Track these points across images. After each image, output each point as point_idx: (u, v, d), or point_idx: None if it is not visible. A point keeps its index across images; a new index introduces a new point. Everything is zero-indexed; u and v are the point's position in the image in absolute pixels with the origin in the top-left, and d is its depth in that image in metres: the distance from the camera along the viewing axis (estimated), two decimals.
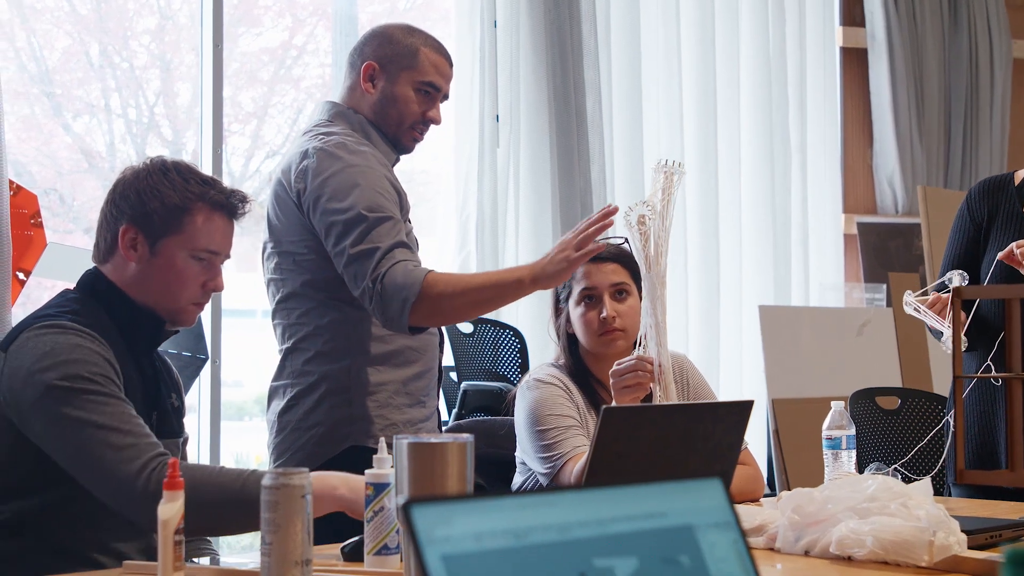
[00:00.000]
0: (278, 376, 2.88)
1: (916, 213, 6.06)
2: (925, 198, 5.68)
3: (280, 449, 2.84)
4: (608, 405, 2.50)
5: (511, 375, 4.38)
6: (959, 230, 3.22)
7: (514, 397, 2.94)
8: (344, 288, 2.76)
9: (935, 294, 2.98)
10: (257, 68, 5.42)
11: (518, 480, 2.95)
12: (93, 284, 2.35)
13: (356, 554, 2.05)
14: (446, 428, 3.50)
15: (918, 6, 6.40)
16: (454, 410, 4.26)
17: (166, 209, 2.31)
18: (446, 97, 2.97)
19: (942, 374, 5.48)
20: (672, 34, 5.64)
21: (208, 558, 2.46)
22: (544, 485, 2.79)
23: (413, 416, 2.84)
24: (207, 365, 4.36)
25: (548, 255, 2.67)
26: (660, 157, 3.48)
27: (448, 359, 4.48)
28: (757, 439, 5.45)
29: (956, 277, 2.98)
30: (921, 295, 2.99)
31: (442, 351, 2.99)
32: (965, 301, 3.04)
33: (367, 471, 2.00)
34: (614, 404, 2.66)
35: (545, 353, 3.10)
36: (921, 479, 2.17)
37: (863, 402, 4.20)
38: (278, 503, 1.73)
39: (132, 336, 2.32)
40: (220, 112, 4.58)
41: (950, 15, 6.53)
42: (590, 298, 2.92)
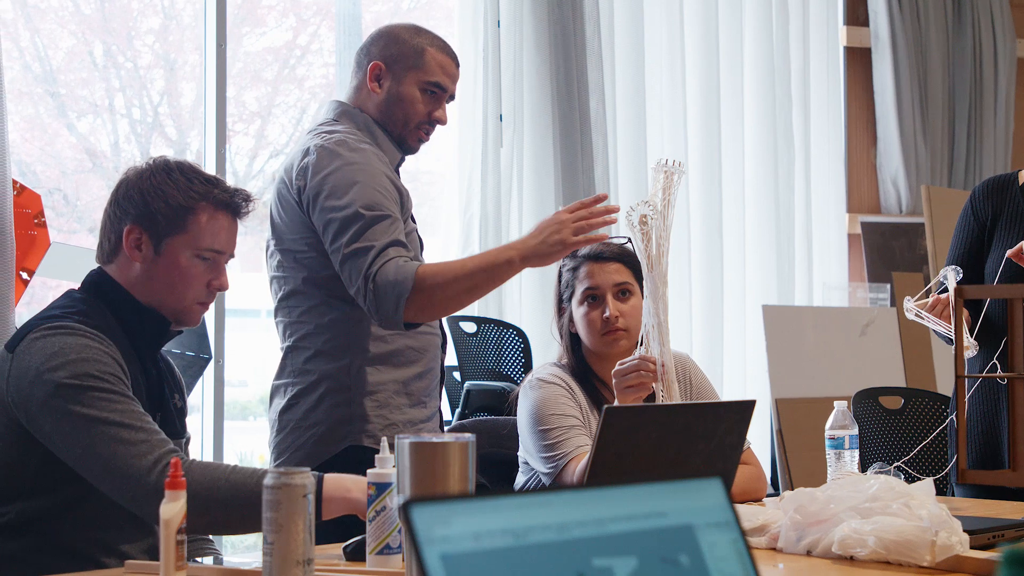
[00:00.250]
0: (279, 375, 2.88)
1: (920, 212, 6.06)
2: (929, 197, 5.67)
3: (280, 448, 2.84)
4: (610, 405, 2.50)
5: (515, 375, 4.38)
6: (963, 229, 3.22)
7: (516, 397, 2.94)
8: (343, 286, 2.76)
9: (935, 296, 2.98)
10: (261, 68, 5.42)
11: (521, 480, 2.95)
12: (98, 284, 2.35)
13: (358, 554, 2.05)
14: (449, 428, 3.50)
15: (922, 5, 6.39)
16: (457, 410, 4.26)
17: (170, 209, 2.31)
18: (452, 97, 2.96)
19: (946, 374, 5.48)
20: (676, 34, 5.64)
21: (211, 557, 2.46)
22: (547, 485, 2.79)
23: (414, 416, 2.84)
24: (210, 365, 4.36)
25: (541, 234, 2.65)
26: (660, 157, 3.48)
27: (452, 359, 4.49)
28: (760, 439, 5.45)
29: (950, 274, 2.97)
30: (920, 299, 2.99)
31: (444, 352, 2.99)
32: (973, 301, 3.03)
33: (369, 471, 2.00)
34: (616, 404, 2.66)
35: (549, 353, 3.10)
36: (925, 479, 2.17)
37: (866, 402, 4.20)
38: (280, 503, 1.74)
39: (137, 336, 2.32)
40: (223, 112, 4.59)
41: (954, 14, 6.52)
42: (593, 298, 2.92)
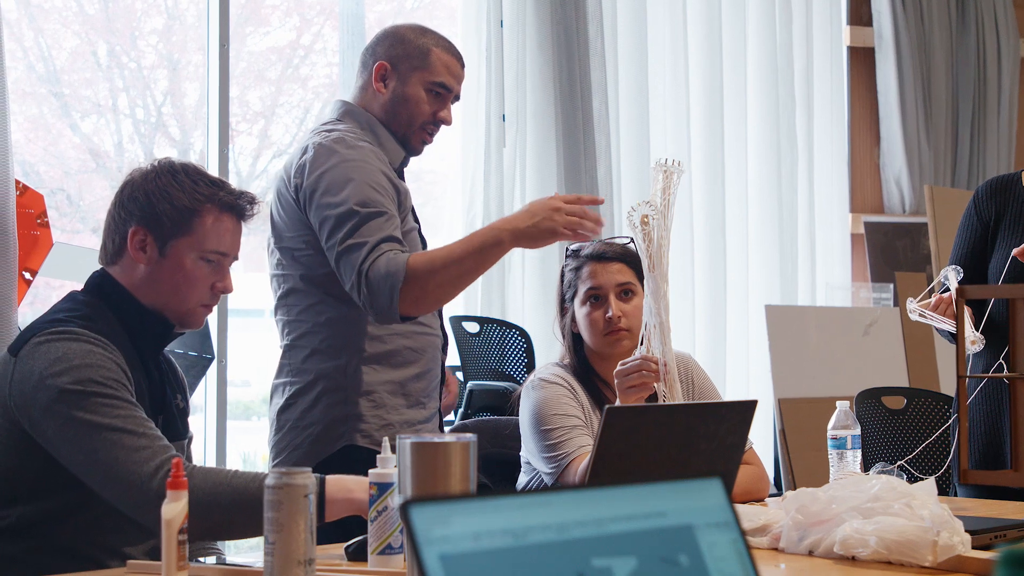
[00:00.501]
0: (278, 374, 2.89)
1: (923, 212, 6.06)
2: (932, 197, 5.67)
3: (279, 448, 2.84)
4: (611, 405, 2.50)
5: (517, 375, 4.38)
6: (966, 229, 3.22)
7: (518, 397, 2.94)
8: (339, 285, 2.76)
9: (938, 296, 2.97)
10: (264, 67, 5.43)
11: (523, 480, 2.95)
12: (101, 286, 2.34)
13: (360, 554, 2.05)
14: (451, 428, 3.50)
15: (925, 5, 6.39)
16: (460, 410, 4.26)
17: (175, 211, 2.31)
18: (457, 98, 2.97)
19: (949, 374, 5.47)
20: (679, 34, 5.64)
21: (213, 557, 2.46)
22: (549, 485, 2.79)
23: (411, 417, 2.84)
24: (213, 365, 4.37)
25: (533, 217, 2.65)
26: (659, 156, 3.48)
27: (454, 358, 4.49)
28: (763, 439, 5.45)
29: (951, 274, 2.97)
30: (923, 300, 2.99)
31: (445, 353, 2.99)
32: (976, 301, 3.03)
33: (371, 471, 2.01)
34: (618, 403, 2.66)
35: (551, 353, 3.10)
36: (927, 479, 2.17)
37: (869, 402, 4.20)
38: (281, 503, 1.74)
39: (140, 339, 2.32)
40: (226, 112, 4.59)
41: (958, 14, 6.52)
42: (596, 298, 2.92)
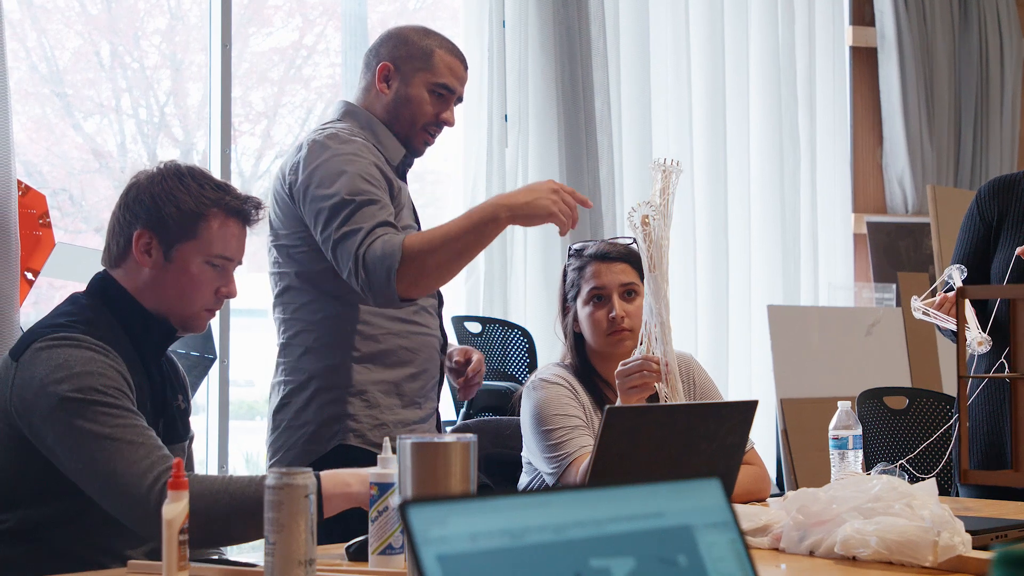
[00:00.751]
0: (275, 373, 2.90)
1: (926, 212, 6.05)
2: (935, 197, 5.67)
3: (274, 448, 2.85)
4: (612, 405, 2.49)
5: (519, 375, 4.38)
6: (969, 229, 3.21)
7: (520, 397, 2.94)
8: (333, 282, 2.77)
9: (942, 295, 2.97)
10: (267, 68, 5.43)
11: (524, 480, 2.95)
12: (104, 290, 2.33)
13: (361, 554, 2.05)
14: (453, 428, 3.50)
15: (928, 5, 6.39)
16: (462, 410, 4.26)
17: (182, 214, 2.30)
18: (460, 100, 2.97)
19: (951, 374, 5.47)
20: (681, 34, 5.64)
21: (215, 556, 2.46)
22: (550, 485, 2.79)
23: (406, 417, 2.84)
24: (215, 364, 4.37)
25: (532, 194, 2.64)
26: (657, 157, 3.48)
27: None
28: (766, 439, 5.45)
29: (955, 273, 2.97)
30: (927, 298, 2.99)
31: (444, 353, 2.99)
32: (980, 301, 3.03)
33: (371, 471, 2.01)
34: (619, 404, 2.66)
35: (553, 353, 3.10)
36: (928, 479, 2.17)
37: (871, 402, 4.20)
38: (282, 503, 1.74)
39: (142, 343, 2.31)
40: (228, 112, 4.60)
41: (960, 14, 6.52)
42: (599, 297, 2.92)
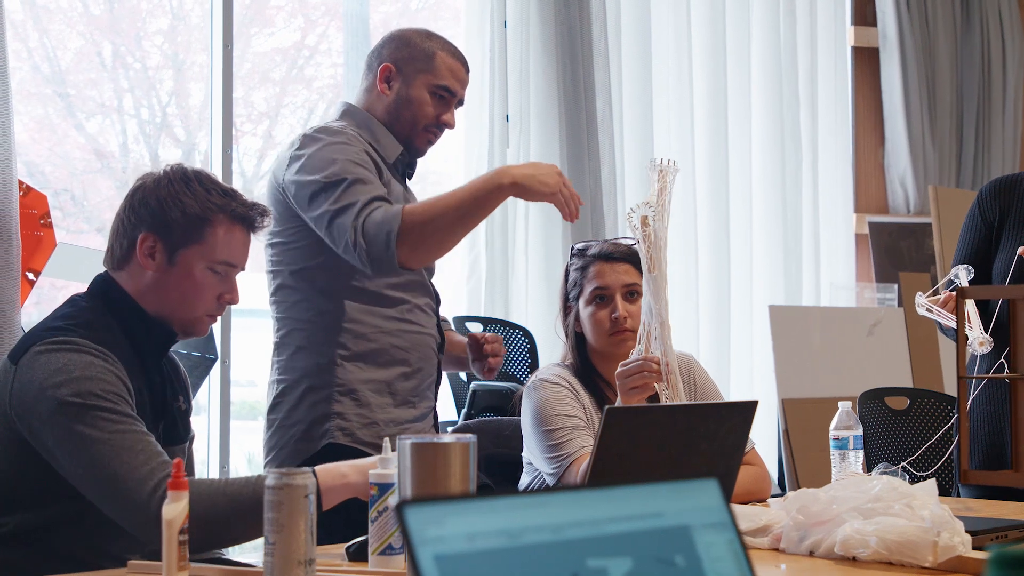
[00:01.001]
0: (270, 372, 2.92)
1: (928, 213, 6.05)
2: (936, 198, 5.67)
3: (267, 447, 2.87)
4: (611, 405, 2.49)
5: (521, 375, 4.39)
6: (970, 230, 3.21)
7: (520, 398, 2.94)
8: (325, 279, 2.78)
9: (946, 293, 2.97)
10: (269, 68, 5.43)
11: (525, 480, 2.95)
12: (105, 292, 2.33)
13: (361, 554, 2.06)
14: (454, 428, 3.50)
15: (930, 5, 6.39)
16: (463, 410, 4.26)
17: (187, 219, 2.29)
18: (461, 103, 2.98)
19: (953, 374, 5.46)
20: (683, 34, 5.64)
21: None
22: (551, 485, 2.79)
23: (398, 416, 2.84)
24: (217, 364, 4.37)
25: (537, 170, 2.68)
26: (653, 157, 3.48)
27: None
28: (767, 439, 5.45)
29: (962, 273, 2.97)
30: (932, 295, 2.99)
31: (441, 352, 3.00)
32: (982, 302, 3.03)
33: (371, 471, 2.01)
34: (619, 404, 2.66)
35: (555, 353, 3.10)
36: (929, 479, 2.17)
37: (872, 402, 4.20)
38: (281, 503, 1.74)
39: (142, 347, 2.31)
40: (230, 112, 4.60)
41: (962, 14, 6.52)
42: (602, 297, 2.92)
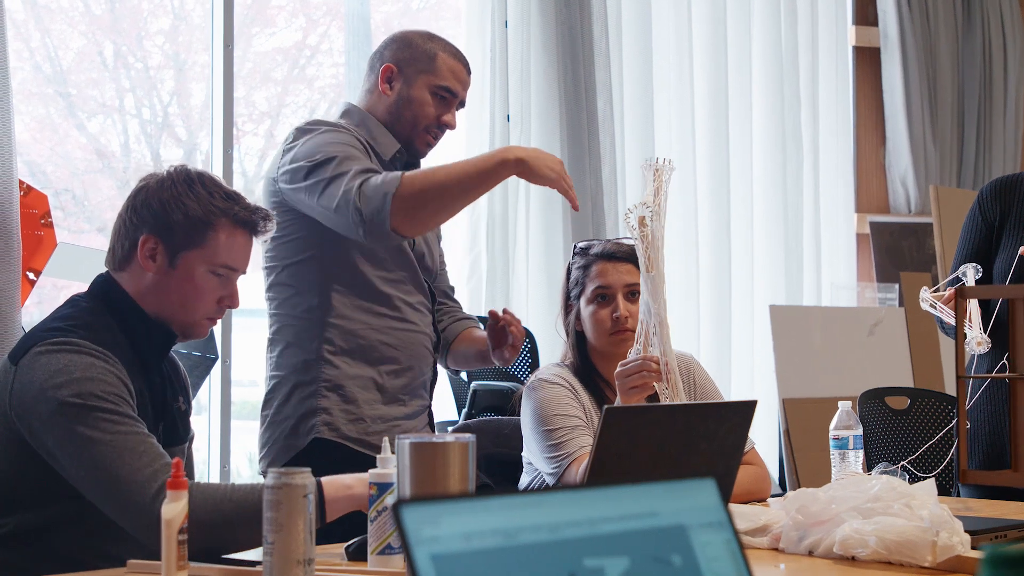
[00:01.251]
0: (265, 369, 2.93)
1: (929, 213, 6.05)
2: (938, 197, 5.67)
3: (260, 443, 2.91)
4: (610, 405, 2.50)
5: (521, 375, 4.39)
6: (970, 230, 3.21)
7: (520, 397, 2.94)
8: (315, 274, 2.81)
9: (951, 290, 2.97)
10: (271, 68, 5.43)
11: (525, 480, 2.95)
12: (106, 293, 2.32)
13: (360, 553, 2.06)
14: (454, 428, 3.50)
15: (931, 5, 6.38)
16: (464, 410, 4.26)
17: (189, 222, 2.28)
18: (463, 104, 3.00)
19: (953, 374, 5.47)
20: (684, 34, 5.64)
21: None
22: (551, 485, 2.79)
23: (386, 413, 2.85)
24: (217, 364, 4.37)
25: (541, 155, 2.70)
26: (648, 157, 3.49)
27: None
28: (768, 439, 5.45)
29: (970, 271, 2.97)
30: (936, 292, 2.99)
31: (436, 351, 3.00)
32: (984, 303, 3.03)
33: (370, 471, 2.01)
34: (617, 403, 2.66)
35: (555, 353, 3.10)
36: (928, 478, 2.17)
37: (872, 402, 4.20)
38: (280, 503, 1.74)
39: (143, 348, 2.30)
40: (231, 112, 4.61)
41: (963, 14, 6.51)
42: (603, 297, 2.92)
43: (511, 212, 5.00)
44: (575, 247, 3.04)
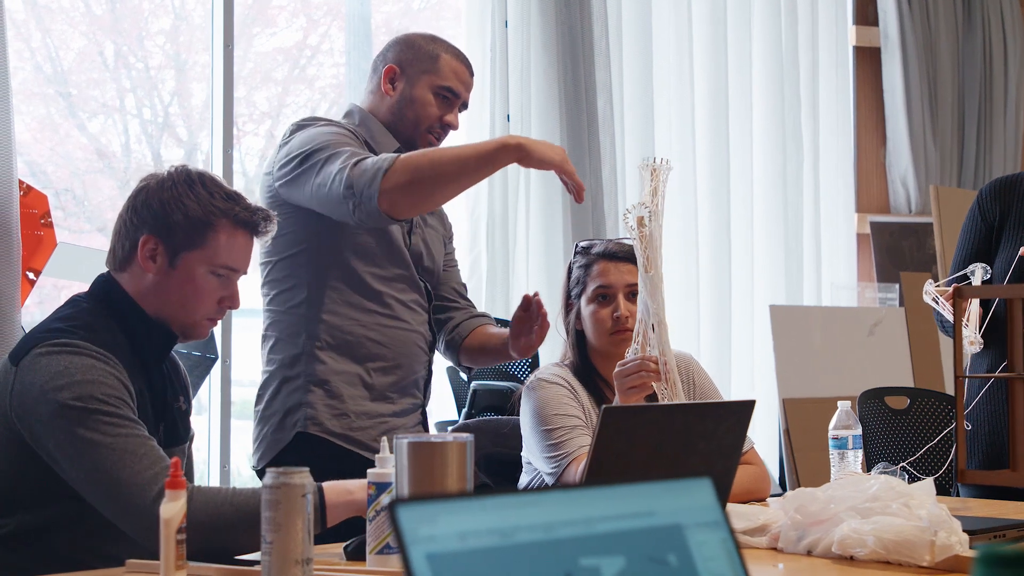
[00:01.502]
0: (262, 366, 2.94)
1: (929, 213, 6.05)
2: (938, 197, 5.67)
3: (253, 439, 2.91)
4: (608, 404, 2.50)
5: (521, 375, 4.39)
6: (970, 230, 3.21)
7: (520, 397, 2.94)
8: (306, 266, 2.82)
9: (955, 286, 2.97)
10: (271, 68, 5.44)
11: (524, 480, 2.95)
12: (106, 293, 2.32)
13: (358, 553, 2.06)
14: (454, 427, 3.50)
15: (932, 5, 6.38)
16: (464, 409, 4.26)
17: (189, 222, 2.28)
18: (465, 106, 3.01)
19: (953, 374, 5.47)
20: (684, 34, 5.64)
21: None
22: (550, 485, 2.79)
23: (372, 410, 2.85)
24: (217, 364, 4.38)
25: (544, 144, 2.73)
26: (645, 157, 3.49)
27: None
28: (768, 439, 5.45)
29: (979, 271, 2.97)
30: (941, 287, 2.99)
31: (432, 351, 3.01)
32: (984, 302, 3.03)
33: (369, 471, 2.01)
34: (616, 403, 2.66)
35: (555, 353, 3.11)
36: (927, 478, 2.17)
37: (872, 402, 4.20)
38: (279, 502, 1.74)
39: (143, 348, 2.30)
40: (231, 113, 4.61)
41: (964, 14, 6.51)
42: (604, 296, 2.92)
43: (511, 212, 5.00)
44: (576, 246, 3.04)
